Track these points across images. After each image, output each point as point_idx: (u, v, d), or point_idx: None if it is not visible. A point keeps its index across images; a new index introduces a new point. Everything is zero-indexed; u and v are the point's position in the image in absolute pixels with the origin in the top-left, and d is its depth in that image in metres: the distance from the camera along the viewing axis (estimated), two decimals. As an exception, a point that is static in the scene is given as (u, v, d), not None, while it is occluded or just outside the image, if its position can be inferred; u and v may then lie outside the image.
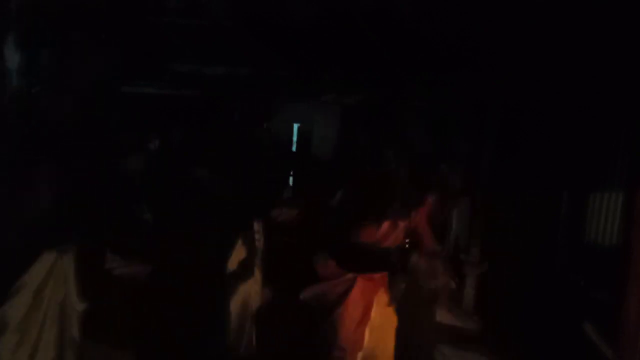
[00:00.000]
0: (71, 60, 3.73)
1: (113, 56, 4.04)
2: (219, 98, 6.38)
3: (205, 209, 4.25)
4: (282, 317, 4.29)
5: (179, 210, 4.41)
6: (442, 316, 4.76)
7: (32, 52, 3.78)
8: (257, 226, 4.35)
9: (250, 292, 4.37)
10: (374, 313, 3.56)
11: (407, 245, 3.88)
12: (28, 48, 3.80)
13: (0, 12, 3.84)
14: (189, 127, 5.62)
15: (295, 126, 7.25)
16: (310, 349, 3.66)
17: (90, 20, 4.22)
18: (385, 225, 3.65)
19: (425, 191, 4.06)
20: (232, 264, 4.34)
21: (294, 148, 7.18)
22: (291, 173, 6.40)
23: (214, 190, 4.37)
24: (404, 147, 4.91)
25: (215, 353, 4.16)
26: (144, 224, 4.70)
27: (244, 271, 4.33)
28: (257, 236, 4.35)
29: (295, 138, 7.18)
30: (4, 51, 3.84)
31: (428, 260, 3.95)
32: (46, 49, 3.79)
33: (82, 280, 3.51)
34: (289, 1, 4.91)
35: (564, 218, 5.02)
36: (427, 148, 5.78)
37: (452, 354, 4.63)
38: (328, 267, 3.68)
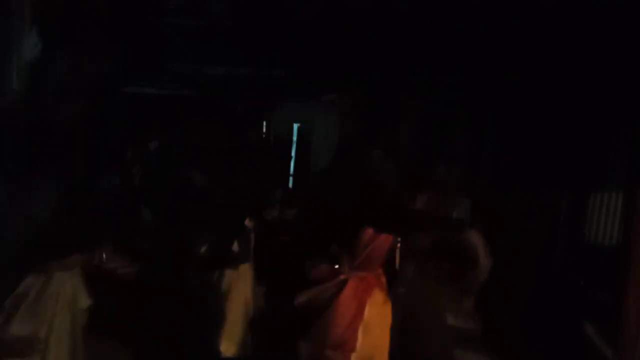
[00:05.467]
0: (70, 61, 3.73)
1: (113, 56, 4.03)
2: (219, 98, 6.38)
3: (202, 209, 4.26)
4: (275, 319, 4.29)
5: (177, 210, 4.41)
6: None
7: (32, 53, 3.78)
8: (248, 224, 4.37)
9: (247, 292, 4.39)
10: (368, 313, 3.54)
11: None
12: (27, 48, 3.81)
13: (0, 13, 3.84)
14: (189, 127, 5.62)
15: (295, 126, 7.25)
16: (302, 349, 3.65)
17: (90, 20, 4.22)
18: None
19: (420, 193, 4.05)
20: (230, 264, 4.35)
21: (293, 148, 7.19)
22: (290, 173, 6.41)
23: (211, 190, 4.38)
24: (402, 147, 4.92)
25: (207, 352, 4.19)
26: (143, 224, 4.70)
27: (241, 271, 4.35)
28: (250, 235, 4.37)
29: (295, 138, 7.19)
30: (3, 52, 3.84)
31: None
32: (45, 49, 3.79)
33: (88, 278, 3.53)
34: (289, 2, 4.91)
35: (564, 218, 5.02)
36: (426, 148, 5.78)
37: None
38: (321, 270, 3.66)
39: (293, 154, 7.10)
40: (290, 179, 6.70)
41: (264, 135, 6.57)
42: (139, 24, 5.34)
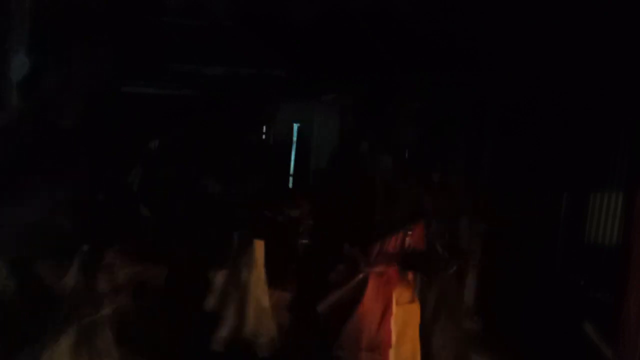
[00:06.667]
0: (70, 61, 3.73)
1: (112, 56, 4.04)
2: (219, 98, 6.37)
3: (203, 209, 4.26)
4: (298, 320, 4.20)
5: (178, 209, 4.41)
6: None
7: (32, 54, 3.79)
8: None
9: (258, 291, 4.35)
10: (396, 307, 3.45)
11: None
12: (27, 50, 3.81)
13: (0, 14, 3.84)
14: (189, 127, 5.63)
15: (295, 126, 7.24)
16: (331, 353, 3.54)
17: (90, 20, 4.22)
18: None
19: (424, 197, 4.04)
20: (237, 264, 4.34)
21: (293, 148, 7.17)
22: (290, 173, 6.41)
23: (211, 191, 4.38)
24: (402, 148, 4.92)
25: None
26: (144, 223, 4.71)
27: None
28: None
29: (295, 138, 7.17)
30: (4, 54, 3.84)
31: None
32: (45, 50, 3.79)
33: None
34: (289, 1, 4.91)
35: (564, 218, 5.03)
36: (426, 148, 5.78)
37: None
38: (338, 271, 3.58)
39: (293, 154, 7.10)
40: (290, 179, 6.69)
41: (263, 135, 6.56)
42: (138, 24, 5.34)
